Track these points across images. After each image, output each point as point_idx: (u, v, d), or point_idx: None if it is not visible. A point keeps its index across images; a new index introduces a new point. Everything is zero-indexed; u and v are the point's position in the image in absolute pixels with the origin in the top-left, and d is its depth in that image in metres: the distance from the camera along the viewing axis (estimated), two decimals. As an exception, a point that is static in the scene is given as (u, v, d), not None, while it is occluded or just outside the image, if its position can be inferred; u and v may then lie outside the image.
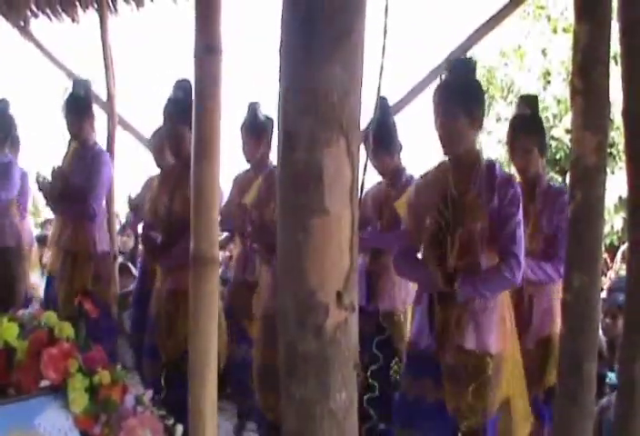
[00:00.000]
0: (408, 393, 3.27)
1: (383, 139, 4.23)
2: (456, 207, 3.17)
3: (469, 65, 3.26)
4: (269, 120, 4.74)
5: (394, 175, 4.40)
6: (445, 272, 3.09)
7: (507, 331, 3.21)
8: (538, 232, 3.79)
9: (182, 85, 4.07)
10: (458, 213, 3.16)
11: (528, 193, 3.74)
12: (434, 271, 3.12)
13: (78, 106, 5.07)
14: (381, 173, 4.42)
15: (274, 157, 4.38)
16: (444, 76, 3.24)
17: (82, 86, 5.15)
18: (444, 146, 3.21)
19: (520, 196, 3.21)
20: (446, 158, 3.30)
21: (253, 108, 4.79)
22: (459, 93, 3.14)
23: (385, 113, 4.25)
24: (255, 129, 4.72)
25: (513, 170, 3.95)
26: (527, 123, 3.85)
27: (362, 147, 1.71)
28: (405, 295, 4.28)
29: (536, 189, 3.85)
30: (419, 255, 3.40)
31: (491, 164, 3.25)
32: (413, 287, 4.11)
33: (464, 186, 3.19)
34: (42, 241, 6.96)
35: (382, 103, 4.29)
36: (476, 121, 3.19)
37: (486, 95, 14.27)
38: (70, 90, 5.12)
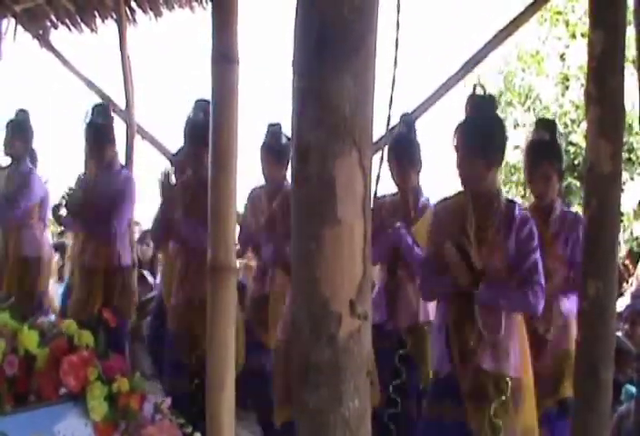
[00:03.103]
0: (429, 415, 3.31)
1: (409, 154, 4.22)
2: (477, 242, 3.20)
3: (490, 104, 3.29)
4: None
5: (413, 193, 4.32)
6: (471, 270, 3.13)
7: (525, 357, 3.25)
8: (554, 257, 3.78)
9: (201, 106, 4.12)
10: (478, 248, 3.19)
11: (542, 219, 3.75)
12: (460, 267, 3.14)
13: (100, 134, 5.09)
14: (402, 188, 4.31)
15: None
16: (464, 115, 3.26)
17: (101, 113, 5.15)
18: (463, 184, 3.27)
19: (535, 231, 3.28)
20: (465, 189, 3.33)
21: (274, 131, 4.73)
22: (479, 134, 3.17)
23: (410, 130, 4.28)
24: (276, 152, 4.66)
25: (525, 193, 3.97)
26: (547, 150, 3.83)
27: (375, 158, 1.72)
28: (425, 309, 4.23)
29: (551, 215, 3.86)
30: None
31: (510, 204, 3.32)
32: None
33: (483, 223, 3.23)
34: (58, 249, 7.01)
35: (408, 119, 4.35)
36: (495, 162, 3.24)
37: (504, 102, 14.16)
38: (89, 116, 5.12)
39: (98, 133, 5.08)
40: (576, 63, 13.08)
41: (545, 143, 3.83)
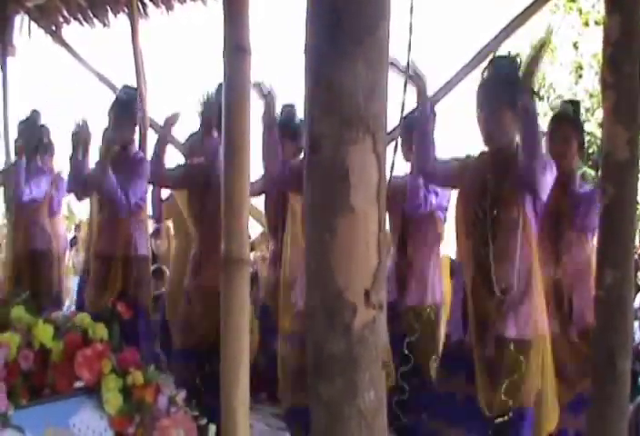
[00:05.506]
0: (441, 389, 3.32)
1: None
2: (493, 199, 3.23)
3: (515, 62, 3.32)
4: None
5: None
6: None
7: (543, 318, 3.25)
8: (572, 231, 3.77)
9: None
10: (495, 204, 3.22)
11: (562, 186, 3.72)
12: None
13: (123, 113, 5.10)
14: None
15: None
16: (488, 71, 3.32)
17: (128, 94, 5.19)
18: (486, 140, 3.31)
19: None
20: (486, 149, 3.35)
21: (289, 110, 4.75)
22: (504, 88, 3.20)
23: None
24: (289, 131, 4.67)
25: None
26: (569, 119, 3.87)
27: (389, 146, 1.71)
28: (432, 291, 4.21)
29: (570, 185, 3.82)
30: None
31: None
32: (446, 285, 4.09)
33: (501, 177, 3.25)
34: (73, 244, 7.03)
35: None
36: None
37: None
38: (117, 96, 5.19)
39: (121, 107, 5.09)
40: (590, 51, 13.01)
41: (567, 114, 3.89)
